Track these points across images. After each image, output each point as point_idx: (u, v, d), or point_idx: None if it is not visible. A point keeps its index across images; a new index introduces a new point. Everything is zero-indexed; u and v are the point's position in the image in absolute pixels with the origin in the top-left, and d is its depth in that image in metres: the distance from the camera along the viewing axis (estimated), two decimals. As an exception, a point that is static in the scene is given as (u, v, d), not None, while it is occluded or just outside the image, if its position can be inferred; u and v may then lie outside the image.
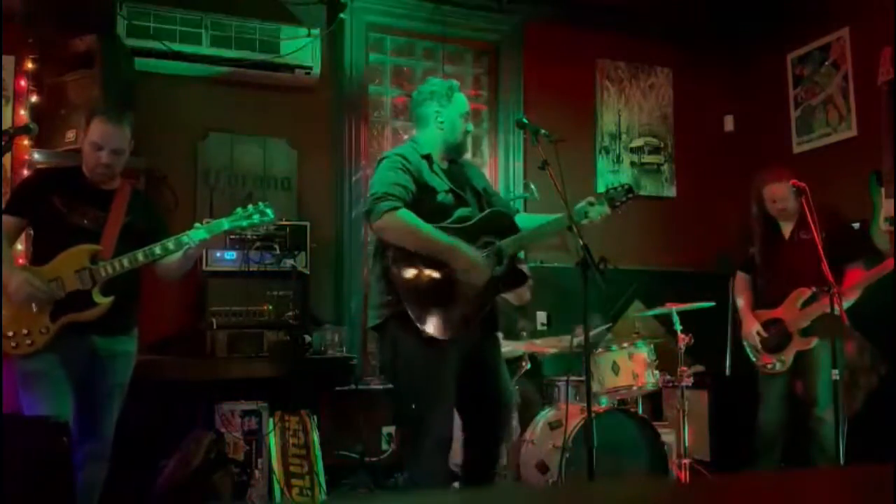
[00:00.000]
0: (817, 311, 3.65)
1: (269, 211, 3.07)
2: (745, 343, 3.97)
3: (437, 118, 2.93)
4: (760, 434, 3.93)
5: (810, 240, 3.71)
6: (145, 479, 3.65)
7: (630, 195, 2.97)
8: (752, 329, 3.88)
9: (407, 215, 2.70)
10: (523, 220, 3.04)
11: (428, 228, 2.71)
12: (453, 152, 2.98)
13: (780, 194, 3.86)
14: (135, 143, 3.07)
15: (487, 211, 2.91)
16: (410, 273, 2.72)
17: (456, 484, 3.99)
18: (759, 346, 3.87)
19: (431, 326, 2.68)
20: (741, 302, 4.04)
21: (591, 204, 2.90)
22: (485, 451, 2.95)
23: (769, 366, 3.85)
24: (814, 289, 3.69)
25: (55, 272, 2.85)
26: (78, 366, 2.90)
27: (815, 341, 3.69)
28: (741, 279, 4.12)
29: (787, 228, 3.92)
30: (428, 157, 2.90)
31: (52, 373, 2.83)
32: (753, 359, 3.94)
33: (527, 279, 2.91)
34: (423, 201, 2.79)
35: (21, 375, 2.84)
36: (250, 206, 3.06)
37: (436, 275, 2.72)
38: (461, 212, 2.86)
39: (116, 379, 3.01)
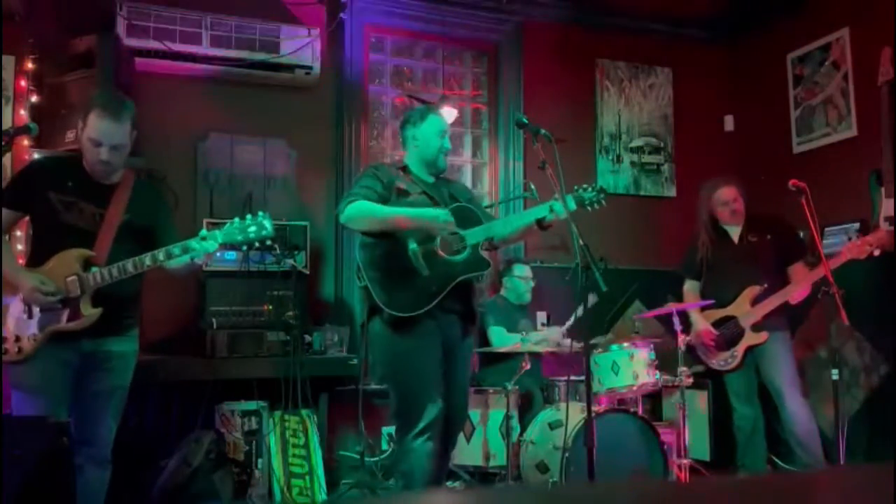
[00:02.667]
0: (768, 308, 3.83)
1: (267, 224, 2.86)
2: (694, 344, 4.05)
3: (413, 138, 3.14)
4: (739, 432, 4.02)
5: (759, 242, 3.96)
6: (145, 479, 3.65)
7: (602, 195, 3.09)
8: (703, 330, 4.00)
9: (363, 203, 2.92)
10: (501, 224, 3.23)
11: (383, 208, 2.92)
12: (431, 167, 3.15)
13: (731, 196, 4.02)
14: (135, 143, 2.93)
15: (453, 205, 3.04)
16: (373, 259, 2.91)
17: (457, 484, 4.00)
18: (711, 346, 4.00)
19: (396, 306, 2.84)
20: (690, 305, 4.11)
21: (557, 199, 2.96)
22: (444, 438, 3.01)
23: (720, 363, 3.98)
24: (766, 286, 3.85)
25: (48, 277, 2.76)
26: (69, 370, 2.80)
27: (766, 336, 3.85)
28: (689, 286, 4.24)
29: (735, 233, 4.06)
30: (404, 168, 3.14)
31: (47, 386, 2.75)
32: (703, 358, 4.06)
33: (488, 265, 3.03)
34: (394, 201, 2.99)
35: (14, 385, 2.77)
36: (248, 217, 2.86)
37: (396, 259, 2.89)
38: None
39: (113, 381, 2.89)
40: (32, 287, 2.72)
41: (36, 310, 2.78)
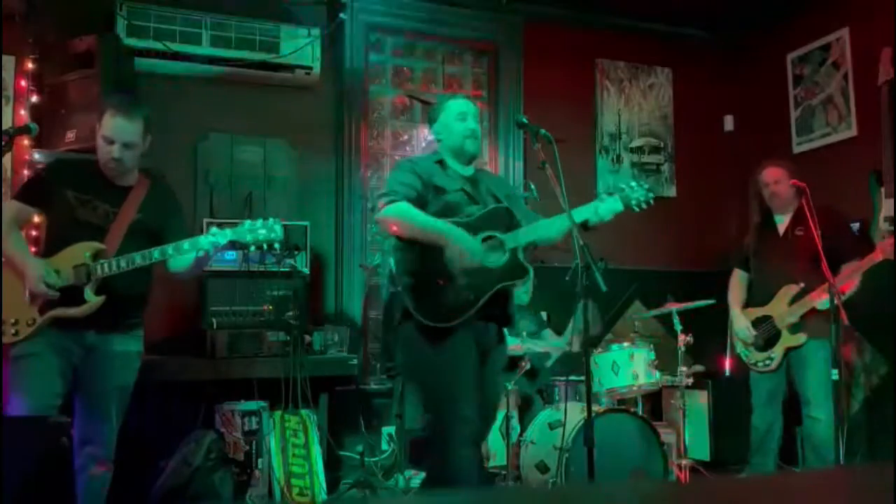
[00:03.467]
0: (805, 308, 3.66)
1: (278, 228, 2.92)
2: (736, 342, 3.95)
3: (437, 132, 3.05)
4: (754, 432, 3.95)
5: (805, 237, 3.70)
6: (145, 479, 3.65)
7: (650, 196, 2.91)
8: (742, 327, 3.87)
9: (403, 206, 2.80)
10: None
11: (422, 217, 2.79)
12: (462, 156, 3.00)
13: (775, 176, 3.84)
14: (147, 130, 2.94)
15: (489, 207, 2.91)
16: (407, 264, 2.81)
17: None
18: (750, 344, 3.86)
19: (431, 315, 2.74)
20: (732, 300, 4.01)
21: (602, 201, 2.85)
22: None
23: (759, 363, 3.84)
24: (802, 285, 3.68)
25: (56, 266, 2.83)
26: (72, 359, 2.85)
27: (804, 338, 3.68)
28: (736, 276, 4.09)
29: (782, 224, 3.89)
30: (441, 162, 2.99)
31: (41, 355, 2.79)
32: (744, 357, 3.93)
33: (527, 272, 2.87)
34: (432, 200, 2.87)
35: (10, 359, 2.81)
36: (259, 220, 2.92)
37: (432, 265, 2.76)
38: (470, 210, 2.88)
39: (116, 380, 2.92)
40: (38, 276, 2.78)
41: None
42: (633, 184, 2.94)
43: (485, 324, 2.86)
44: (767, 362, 3.80)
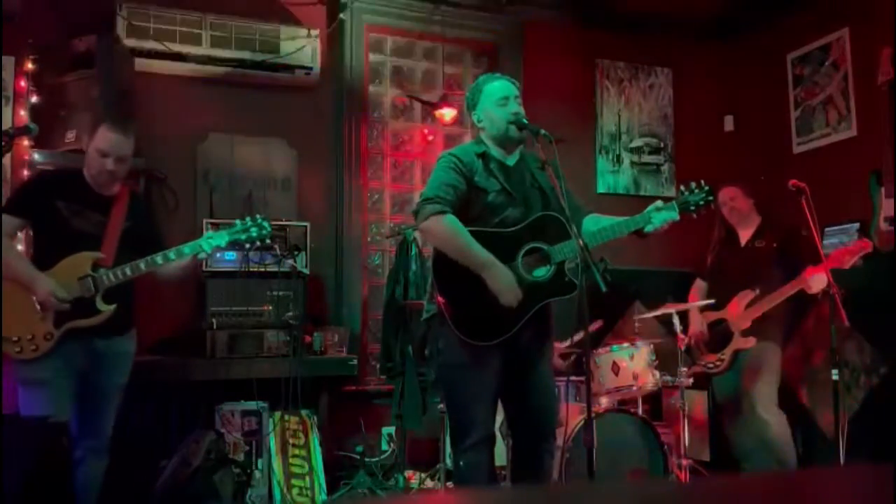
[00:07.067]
0: (757, 313, 3.80)
1: (266, 224, 3.12)
2: (687, 343, 4.03)
3: (479, 120, 2.88)
4: (735, 435, 3.99)
5: (765, 248, 3.92)
6: (145, 479, 3.65)
7: (710, 199, 2.81)
8: (697, 329, 4.01)
9: (449, 222, 2.65)
10: (593, 221, 2.90)
11: (467, 240, 2.64)
12: (506, 145, 2.83)
13: (728, 195, 4.01)
14: (135, 143, 3.09)
15: (536, 215, 2.76)
16: (451, 275, 2.68)
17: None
18: (701, 347, 4.00)
19: (468, 331, 2.66)
20: (690, 304, 4.11)
21: (658, 209, 2.76)
22: (527, 452, 2.87)
23: (710, 365, 3.96)
24: (757, 291, 3.82)
25: (60, 279, 2.89)
26: (79, 368, 2.93)
27: (753, 341, 3.81)
28: (696, 285, 4.25)
29: (744, 236, 4.05)
30: (483, 156, 2.81)
31: (55, 381, 2.86)
32: (695, 359, 4.04)
33: (574, 289, 2.65)
34: (473, 201, 2.74)
35: (23, 380, 2.87)
36: (248, 219, 3.11)
37: (476, 280, 2.64)
38: (510, 212, 2.76)
39: (116, 379, 3.05)
40: (48, 291, 2.85)
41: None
42: (694, 186, 2.83)
43: (525, 334, 2.73)
44: (717, 363, 3.92)
